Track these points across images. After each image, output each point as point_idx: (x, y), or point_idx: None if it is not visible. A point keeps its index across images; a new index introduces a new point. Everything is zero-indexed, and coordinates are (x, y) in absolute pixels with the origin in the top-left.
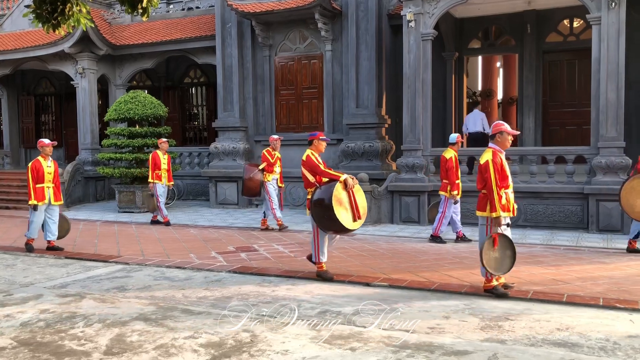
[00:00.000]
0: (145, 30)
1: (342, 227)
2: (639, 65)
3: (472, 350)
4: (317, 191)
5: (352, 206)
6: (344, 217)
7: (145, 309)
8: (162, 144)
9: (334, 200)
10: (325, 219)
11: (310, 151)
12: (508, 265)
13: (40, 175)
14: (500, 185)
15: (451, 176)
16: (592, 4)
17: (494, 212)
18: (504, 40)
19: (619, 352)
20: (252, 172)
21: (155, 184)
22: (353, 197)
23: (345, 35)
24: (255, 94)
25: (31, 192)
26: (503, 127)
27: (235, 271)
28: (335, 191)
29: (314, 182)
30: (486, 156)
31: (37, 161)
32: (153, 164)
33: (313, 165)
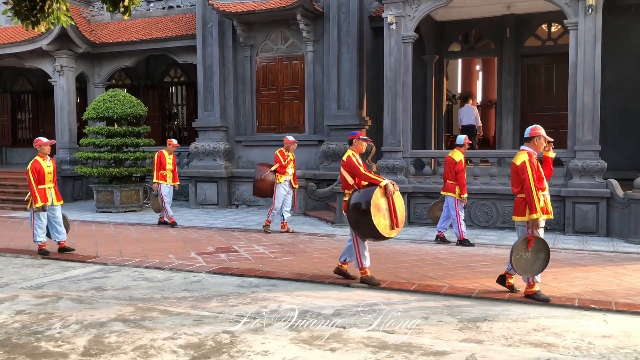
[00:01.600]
0: (125, 29)
1: (378, 235)
2: (615, 71)
3: (450, 350)
4: (355, 194)
5: (391, 213)
6: (382, 224)
7: (124, 310)
8: (170, 145)
9: (372, 206)
10: (361, 224)
11: (351, 152)
12: (539, 268)
13: (41, 176)
14: (537, 187)
15: (461, 178)
16: (570, 9)
17: (534, 214)
18: (484, 44)
19: (593, 351)
20: (264, 172)
21: (160, 185)
22: (392, 203)
23: (327, 37)
24: (236, 94)
25: (36, 194)
26: (541, 131)
27: (215, 272)
28: (375, 196)
29: (353, 184)
30: (522, 157)
31: (36, 162)
32: (158, 163)
33: (353, 167)
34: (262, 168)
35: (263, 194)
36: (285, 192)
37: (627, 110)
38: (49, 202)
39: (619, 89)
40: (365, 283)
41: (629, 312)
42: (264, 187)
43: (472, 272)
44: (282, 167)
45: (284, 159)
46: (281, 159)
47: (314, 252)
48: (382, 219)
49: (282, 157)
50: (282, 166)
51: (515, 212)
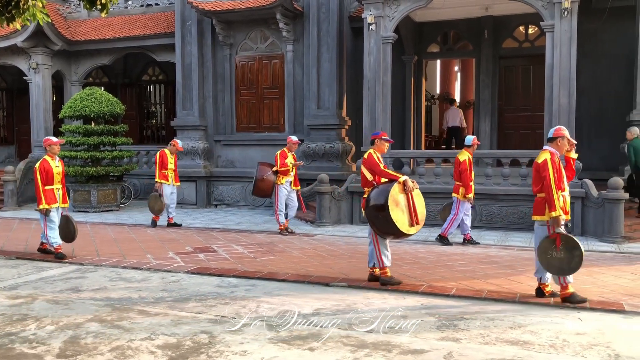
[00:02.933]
0: (102, 26)
1: (397, 231)
2: (590, 73)
3: (428, 349)
4: (374, 191)
5: (410, 209)
6: (400, 220)
7: (101, 310)
8: (174, 145)
9: (390, 201)
10: (379, 220)
11: (373, 150)
12: (576, 265)
13: (49, 177)
14: (557, 186)
15: (465, 179)
16: (546, 12)
17: (554, 212)
18: (462, 45)
19: (568, 349)
20: (265, 172)
21: (162, 185)
22: (412, 200)
23: (307, 36)
24: (216, 93)
25: (41, 195)
26: (565, 132)
27: (193, 272)
28: (393, 191)
29: (372, 181)
30: (544, 156)
31: (45, 161)
32: (160, 163)
33: (373, 164)
34: (263, 167)
35: (263, 194)
36: (287, 192)
37: (601, 112)
38: (58, 204)
39: (594, 91)
40: (387, 284)
41: (602, 310)
42: (265, 187)
43: (450, 271)
44: (283, 165)
45: (285, 159)
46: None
47: (294, 252)
48: (401, 215)
49: (282, 158)
50: (282, 164)
51: (535, 211)
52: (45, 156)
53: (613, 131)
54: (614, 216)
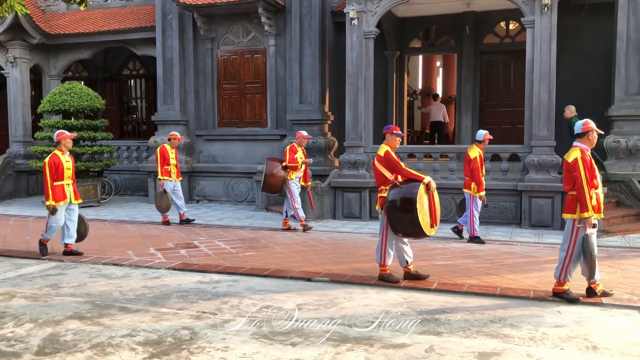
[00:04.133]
0: (82, 19)
1: (421, 232)
2: (570, 68)
3: (410, 343)
4: (397, 190)
5: (431, 211)
6: (424, 222)
7: (81, 307)
8: (174, 139)
9: (418, 203)
10: (404, 221)
11: (388, 147)
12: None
13: (59, 172)
14: (590, 184)
15: (476, 175)
16: (527, 7)
17: (585, 212)
18: (444, 41)
19: (547, 341)
20: (275, 167)
21: (165, 181)
22: (433, 201)
23: (289, 31)
24: (197, 88)
25: (49, 191)
26: (593, 125)
27: (174, 268)
28: (419, 192)
29: (392, 179)
30: (574, 154)
31: (55, 155)
32: (162, 159)
33: (394, 163)
34: (272, 163)
35: (273, 190)
36: (297, 187)
37: (581, 107)
38: (67, 200)
39: (574, 87)
40: (384, 281)
41: (581, 303)
42: (275, 182)
43: (431, 266)
44: (292, 161)
45: (295, 154)
46: (300, 157)
47: (276, 247)
48: (425, 216)
49: (292, 153)
50: (292, 160)
51: (566, 209)
52: (56, 150)
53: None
54: None
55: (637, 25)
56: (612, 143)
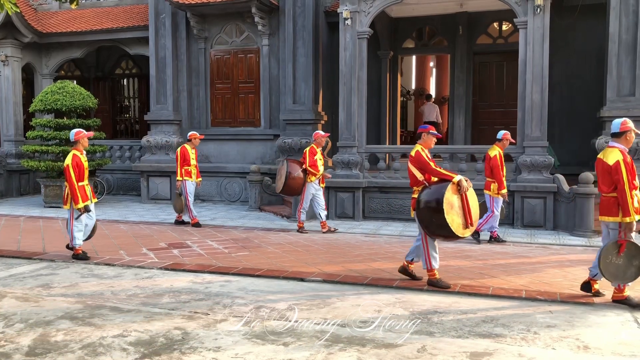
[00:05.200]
0: (74, 18)
1: (451, 234)
2: (562, 69)
3: (402, 343)
4: (426, 191)
5: (465, 211)
6: (455, 223)
7: (72, 308)
8: (195, 139)
9: (445, 203)
10: (433, 223)
11: (420, 147)
12: (632, 275)
13: (81, 172)
14: (632, 187)
15: (497, 175)
16: (520, 8)
17: (628, 217)
18: (437, 41)
19: (539, 341)
20: (296, 170)
21: (185, 181)
22: (466, 201)
23: (283, 31)
24: (190, 87)
25: (77, 192)
26: (631, 124)
27: (167, 268)
28: (447, 193)
29: (422, 180)
30: (615, 156)
31: (76, 156)
32: (182, 159)
33: (423, 163)
34: (293, 165)
35: (293, 192)
36: (315, 190)
37: (573, 108)
38: (90, 201)
39: (566, 87)
40: (434, 286)
41: (572, 303)
42: (295, 185)
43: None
44: (314, 166)
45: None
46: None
47: (269, 247)
48: (456, 217)
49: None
50: (314, 165)
51: (604, 211)
52: (74, 151)
53: (584, 127)
54: (585, 211)
55: (628, 26)
56: (604, 144)
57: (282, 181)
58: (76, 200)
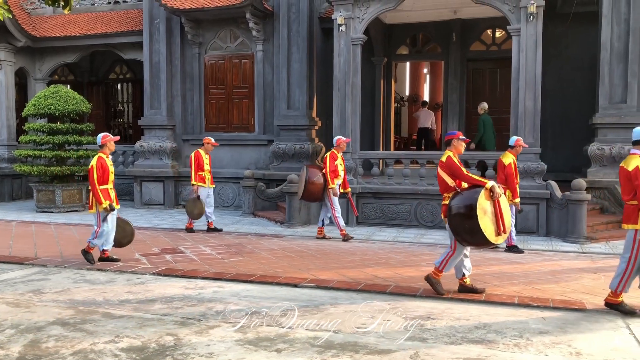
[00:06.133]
0: (68, 23)
1: (484, 241)
2: (555, 76)
3: (395, 349)
4: (458, 197)
5: (497, 218)
6: (488, 229)
7: (64, 313)
8: (208, 144)
9: (479, 210)
10: (465, 230)
11: (450, 152)
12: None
13: (105, 175)
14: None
15: (511, 183)
16: (513, 15)
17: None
18: (431, 48)
19: (531, 347)
20: (315, 175)
21: (198, 187)
22: (499, 207)
23: (277, 36)
24: (184, 92)
25: (99, 194)
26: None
27: (159, 273)
28: (480, 199)
29: (454, 186)
30: (635, 162)
31: (101, 158)
32: (196, 164)
33: (455, 168)
34: (312, 170)
35: (314, 198)
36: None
37: (565, 115)
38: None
39: (559, 94)
40: (430, 284)
41: (565, 309)
42: (315, 190)
43: (418, 271)
44: (334, 172)
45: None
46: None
47: (262, 253)
48: (489, 223)
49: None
50: (334, 170)
51: (626, 219)
52: (100, 153)
53: (576, 134)
54: (577, 217)
55: (620, 34)
56: (597, 150)
57: (302, 187)
58: (99, 200)
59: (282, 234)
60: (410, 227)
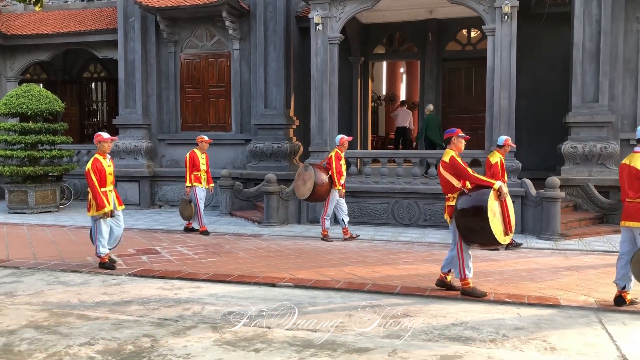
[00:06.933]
0: (40, 20)
1: (494, 241)
2: (529, 76)
3: (373, 347)
4: (465, 198)
5: (505, 218)
6: (498, 230)
7: (37, 316)
8: (203, 143)
9: (489, 211)
10: (475, 230)
11: (452, 152)
12: None
13: (102, 177)
14: None
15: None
16: (488, 15)
17: None
18: (407, 47)
19: (507, 343)
20: (323, 176)
21: (195, 187)
22: (506, 207)
23: (254, 35)
24: (160, 91)
25: (101, 197)
26: None
27: (135, 274)
28: (490, 200)
29: (459, 186)
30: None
31: (96, 160)
32: (191, 164)
33: (460, 169)
34: (320, 171)
35: (319, 199)
36: (338, 196)
37: (540, 114)
38: (111, 207)
39: (533, 94)
40: (468, 295)
41: (539, 305)
42: (323, 191)
43: (395, 269)
44: (340, 172)
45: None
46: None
47: (240, 253)
48: (499, 224)
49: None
50: (340, 171)
51: (627, 217)
52: (96, 155)
53: (551, 132)
54: (551, 214)
55: (592, 35)
56: (570, 149)
57: (307, 188)
58: (99, 205)
59: (260, 234)
60: (388, 226)
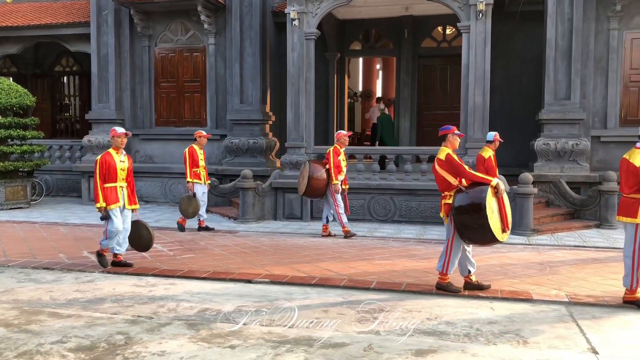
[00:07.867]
0: (9, 13)
1: (493, 239)
2: (503, 73)
3: (349, 342)
4: (463, 196)
5: (502, 215)
6: (496, 227)
7: (7, 314)
8: (201, 138)
9: (488, 208)
10: (474, 228)
11: (448, 149)
12: None
13: (111, 172)
14: None
15: (492, 175)
16: (463, 13)
17: None
18: (383, 44)
19: (481, 337)
20: (318, 171)
21: (194, 184)
22: (503, 204)
23: (229, 30)
24: (133, 85)
25: (98, 192)
26: None
27: (109, 272)
28: (488, 197)
29: (456, 184)
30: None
31: (107, 154)
32: (190, 160)
33: (456, 166)
34: (315, 165)
35: (316, 194)
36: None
37: (513, 110)
38: (120, 204)
39: (507, 90)
40: (443, 290)
41: (512, 300)
42: (318, 185)
43: (371, 265)
44: (338, 167)
45: (337, 156)
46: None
47: (215, 249)
48: (497, 222)
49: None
50: (338, 166)
51: (624, 212)
52: (110, 149)
53: (524, 129)
54: (524, 210)
55: (564, 33)
56: (542, 145)
57: (304, 182)
58: (96, 199)
59: (236, 230)
60: (364, 222)
